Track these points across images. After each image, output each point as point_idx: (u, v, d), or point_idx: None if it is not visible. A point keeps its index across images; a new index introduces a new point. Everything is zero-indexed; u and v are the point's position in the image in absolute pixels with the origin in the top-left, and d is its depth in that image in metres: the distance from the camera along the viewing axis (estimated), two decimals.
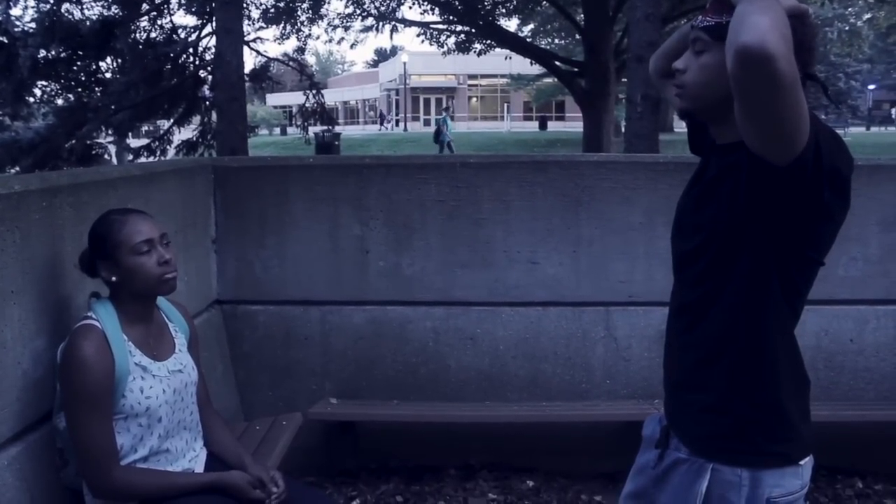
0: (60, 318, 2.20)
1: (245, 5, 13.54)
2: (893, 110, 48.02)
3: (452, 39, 19.76)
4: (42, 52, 12.15)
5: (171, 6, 13.68)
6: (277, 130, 46.94)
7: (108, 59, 13.56)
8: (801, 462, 1.54)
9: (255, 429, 3.16)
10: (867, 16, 20.61)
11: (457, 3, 17.18)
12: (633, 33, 7.93)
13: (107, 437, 1.95)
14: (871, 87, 49.67)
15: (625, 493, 1.84)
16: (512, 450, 3.70)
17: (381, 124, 51.21)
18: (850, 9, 22.72)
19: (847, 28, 24.49)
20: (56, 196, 2.23)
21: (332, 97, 52.99)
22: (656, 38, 7.79)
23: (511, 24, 22.05)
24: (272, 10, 15.67)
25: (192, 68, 13.70)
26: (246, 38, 13.16)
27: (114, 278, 2.04)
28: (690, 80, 1.52)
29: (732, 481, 1.51)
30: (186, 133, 14.59)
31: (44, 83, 13.37)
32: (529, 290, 3.69)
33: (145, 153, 14.30)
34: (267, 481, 2.14)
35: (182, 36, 13.67)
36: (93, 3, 12.79)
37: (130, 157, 14.54)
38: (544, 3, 18.69)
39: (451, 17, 18.16)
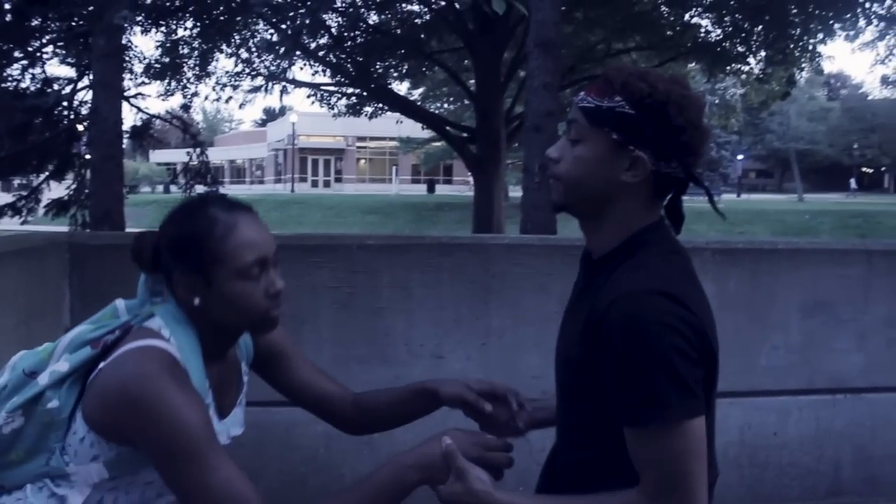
0: None
1: (127, 59, 12.91)
2: (852, 181, 49.81)
3: (343, 101, 19.48)
4: None
5: (46, 55, 12.92)
6: (161, 188, 45.37)
7: None
8: None
9: None
10: (740, 92, 21.83)
11: (348, 65, 16.94)
12: (531, 102, 7.79)
13: (238, 475, 1.31)
14: (740, 157, 53.01)
15: None
16: None
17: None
18: (724, 84, 24.08)
19: (717, 101, 25.96)
20: None
21: (218, 155, 51.83)
22: (554, 107, 7.70)
23: (402, 88, 21.98)
24: (157, 65, 14.94)
25: (66, 122, 12.92)
26: (126, 94, 12.52)
27: (196, 301, 1.41)
28: (564, 172, 1.35)
29: None
30: (59, 191, 13.66)
31: None
32: None
33: (10, 212, 13.29)
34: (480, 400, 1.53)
35: (56, 88, 12.90)
36: None
37: None
38: (436, 68, 18.71)
39: (342, 80, 17.88)
